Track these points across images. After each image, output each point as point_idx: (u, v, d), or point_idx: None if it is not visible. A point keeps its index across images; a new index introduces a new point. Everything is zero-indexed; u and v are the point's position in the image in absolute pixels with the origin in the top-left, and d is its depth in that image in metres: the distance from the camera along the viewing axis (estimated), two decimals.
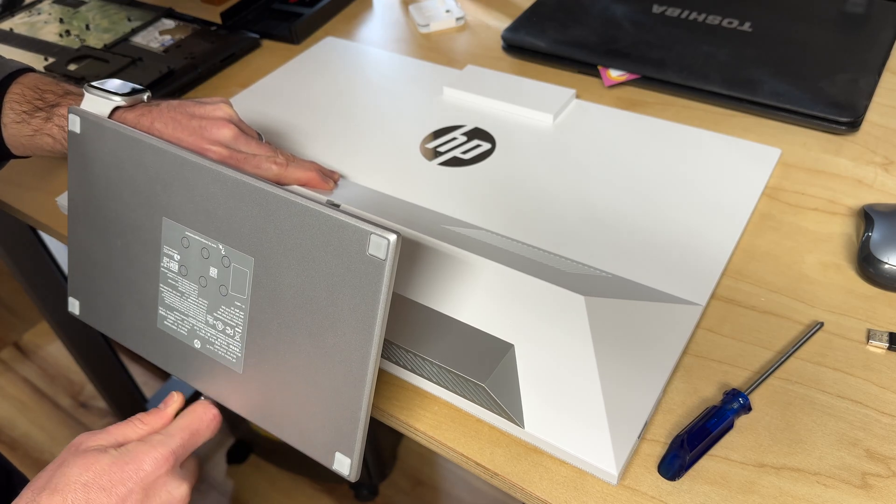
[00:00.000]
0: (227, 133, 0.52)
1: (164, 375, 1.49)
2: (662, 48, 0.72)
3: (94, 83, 0.52)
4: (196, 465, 0.45)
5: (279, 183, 0.55)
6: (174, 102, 0.54)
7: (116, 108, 0.52)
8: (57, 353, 1.60)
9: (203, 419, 0.44)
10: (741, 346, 0.48)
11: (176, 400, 0.46)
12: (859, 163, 0.60)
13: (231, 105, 0.55)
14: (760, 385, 0.45)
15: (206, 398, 0.46)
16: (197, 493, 1.37)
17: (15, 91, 0.55)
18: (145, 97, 0.53)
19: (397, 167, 0.62)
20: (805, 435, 0.43)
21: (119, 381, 1.28)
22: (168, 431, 0.43)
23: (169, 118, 0.52)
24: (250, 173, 0.48)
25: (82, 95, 0.53)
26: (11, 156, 0.57)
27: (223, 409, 0.46)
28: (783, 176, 0.60)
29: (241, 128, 0.54)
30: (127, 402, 1.30)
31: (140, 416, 0.44)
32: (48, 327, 1.15)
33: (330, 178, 0.59)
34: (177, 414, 0.46)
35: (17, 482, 0.73)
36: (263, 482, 1.34)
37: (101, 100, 0.51)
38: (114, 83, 0.53)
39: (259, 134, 0.57)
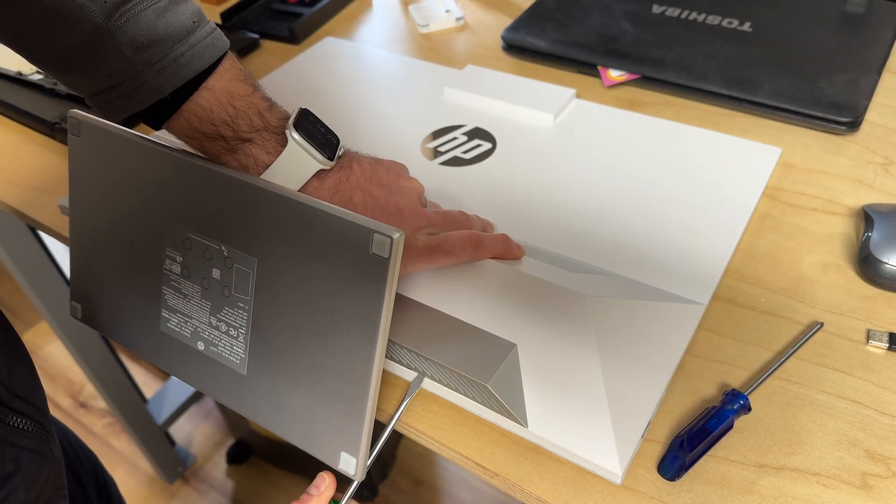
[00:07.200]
0: (423, 220, 0.48)
1: (164, 375, 1.50)
2: (662, 48, 0.72)
3: (296, 121, 0.43)
4: None
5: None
6: (367, 168, 0.47)
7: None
8: (57, 353, 1.60)
9: None
10: (741, 346, 0.48)
11: (329, 483, 0.44)
12: (859, 163, 0.60)
13: (419, 182, 0.49)
14: (760, 385, 0.45)
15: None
16: (197, 493, 1.37)
17: (201, 103, 0.43)
18: (341, 151, 0.46)
19: None
20: (805, 435, 0.43)
21: (119, 381, 1.28)
22: None
23: (368, 195, 0.46)
24: (448, 261, 0.47)
25: (280, 135, 0.44)
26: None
27: (226, 410, 0.46)
28: (783, 176, 0.60)
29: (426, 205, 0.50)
30: (127, 402, 1.30)
31: (303, 498, 0.43)
32: (48, 327, 1.15)
33: (519, 248, 0.52)
34: None
35: (110, 483, 0.75)
36: (263, 482, 1.34)
37: (305, 155, 0.43)
38: (309, 127, 0.44)
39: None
